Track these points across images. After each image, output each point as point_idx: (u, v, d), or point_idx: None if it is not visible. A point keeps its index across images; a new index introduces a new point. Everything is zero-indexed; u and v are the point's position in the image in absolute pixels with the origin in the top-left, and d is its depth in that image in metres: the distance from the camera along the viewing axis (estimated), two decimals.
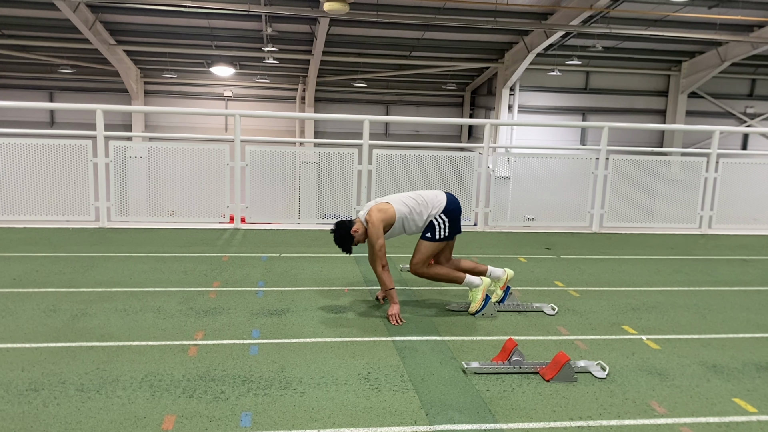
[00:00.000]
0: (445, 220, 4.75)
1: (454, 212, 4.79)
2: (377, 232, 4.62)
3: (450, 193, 4.90)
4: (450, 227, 4.77)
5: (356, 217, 4.82)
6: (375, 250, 4.63)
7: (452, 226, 4.79)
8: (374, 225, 4.63)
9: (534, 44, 17.94)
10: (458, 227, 4.86)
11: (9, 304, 4.62)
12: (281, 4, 15.58)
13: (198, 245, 6.78)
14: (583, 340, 4.34)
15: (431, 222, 4.75)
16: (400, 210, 4.71)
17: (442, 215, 4.75)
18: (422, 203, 4.76)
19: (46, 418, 3.05)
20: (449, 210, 4.77)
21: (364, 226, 4.71)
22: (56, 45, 18.99)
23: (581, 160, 8.78)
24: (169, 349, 3.91)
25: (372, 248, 4.68)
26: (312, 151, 8.85)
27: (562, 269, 6.28)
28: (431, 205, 4.76)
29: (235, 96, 23.78)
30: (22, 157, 7.53)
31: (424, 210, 4.74)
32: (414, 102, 24.60)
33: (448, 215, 4.76)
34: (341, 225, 4.75)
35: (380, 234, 4.62)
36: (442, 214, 4.75)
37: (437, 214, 4.74)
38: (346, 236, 4.71)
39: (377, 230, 4.62)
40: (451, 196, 4.87)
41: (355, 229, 4.71)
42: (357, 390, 3.45)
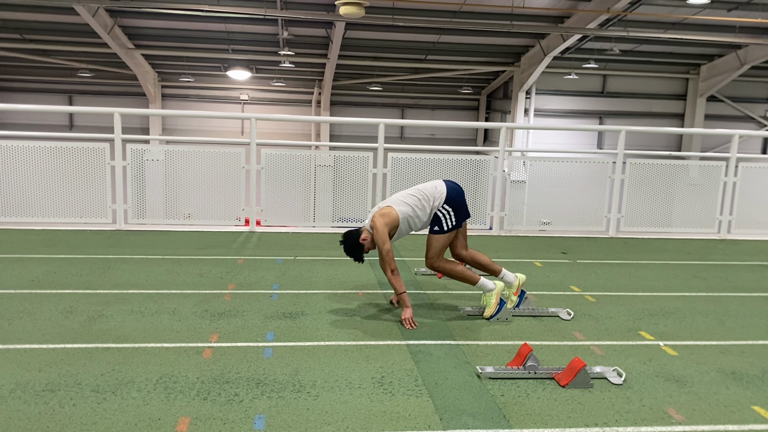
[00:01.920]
0: (449, 210, 4.73)
1: (457, 199, 4.77)
2: (383, 237, 4.61)
3: (449, 181, 4.88)
4: (456, 216, 4.75)
5: (362, 226, 4.82)
6: (383, 255, 4.63)
7: (458, 214, 4.76)
8: (378, 230, 4.62)
9: (550, 47, 17.86)
10: (465, 213, 4.84)
11: (27, 305, 4.67)
12: (297, 8, 15.65)
13: (213, 248, 6.81)
14: (599, 345, 4.30)
15: (436, 215, 4.73)
16: (402, 210, 4.70)
17: (445, 206, 4.73)
18: (423, 198, 4.74)
19: (62, 419, 3.07)
20: (451, 198, 4.74)
21: (371, 233, 4.71)
22: (75, 49, 19.22)
23: (598, 163, 8.71)
24: (184, 351, 3.92)
25: (380, 253, 4.68)
26: (327, 154, 8.87)
27: (578, 274, 6.23)
28: (432, 197, 4.73)
29: (251, 99, 23.92)
30: (41, 159, 7.62)
31: (426, 204, 4.73)
32: (429, 105, 24.58)
33: (451, 204, 4.74)
34: (349, 235, 4.76)
35: (386, 239, 4.61)
36: (445, 205, 4.72)
37: (440, 206, 4.72)
38: (355, 246, 4.72)
39: (382, 235, 4.61)
40: (451, 183, 4.85)
41: (363, 237, 4.71)
42: (371, 394, 3.44)
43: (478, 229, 8.38)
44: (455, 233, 4.83)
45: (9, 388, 3.35)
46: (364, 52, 19.75)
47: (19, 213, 7.62)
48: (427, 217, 4.77)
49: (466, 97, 24.45)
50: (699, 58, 20.86)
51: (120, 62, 19.48)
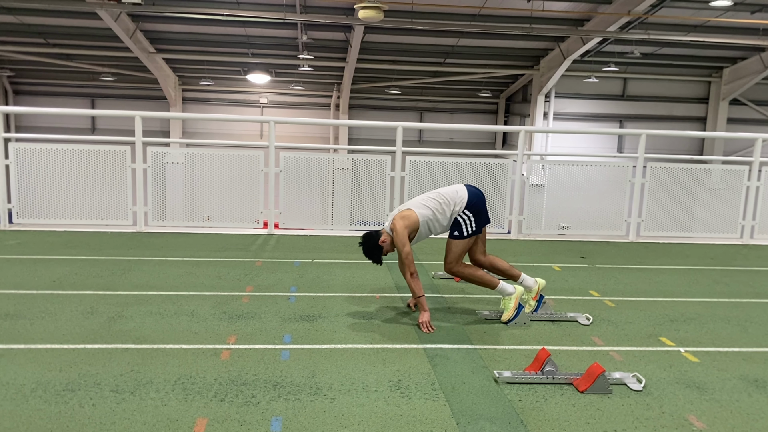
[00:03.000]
0: (469, 215, 4.70)
1: (478, 205, 4.74)
2: (403, 239, 4.60)
3: (470, 185, 4.85)
4: (476, 221, 4.72)
5: (382, 228, 4.82)
6: (402, 258, 4.62)
7: (478, 220, 4.74)
8: (398, 233, 4.61)
9: (570, 51, 17.75)
10: (485, 218, 4.81)
11: (49, 306, 4.73)
12: (317, 12, 15.72)
13: (232, 250, 6.85)
14: (618, 351, 4.25)
15: (456, 219, 4.71)
16: (422, 213, 4.69)
17: (466, 211, 4.70)
18: (444, 202, 4.72)
19: (81, 419, 3.10)
20: (472, 204, 4.72)
21: (390, 236, 4.70)
22: (98, 53, 19.49)
23: (618, 167, 8.63)
24: (202, 353, 3.95)
25: (399, 256, 4.67)
26: (345, 157, 8.89)
27: (597, 278, 6.17)
28: (453, 201, 4.71)
29: (270, 103, 24.06)
30: (64, 162, 7.72)
31: (446, 209, 4.71)
32: (448, 109, 24.54)
33: (472, 209, 4.71)
34: (368, 237, 4.76)
35: (405, 241, 4.61)
36: (466, 210, 4.70)
37: (461, 211, 4.70)
38: (374, 248, 4.72)
39: (402, 238, 4.60)
40: (472, 188, 4.82)
41: (383, 240, 4.71)
42: (387, 397, 3.44)
43: (496, 233, 8.34)
44: (474, 238, 4.81)
45: (30, 388, 3.39)
46: (382, 55, 19.78)
47: (42, 214, 7.73)
48: (447, 221, 4.75)
49: (484, 100, 24.37)
50: (721, 61, 20.60)
51: (141, 66, 19.71)
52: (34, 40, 18.70)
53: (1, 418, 3.08)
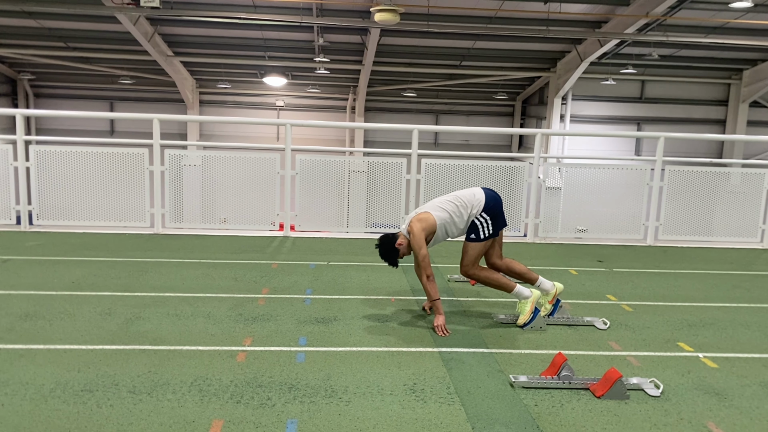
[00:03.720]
0: (486, 218, 4.69)
1: (495, 208, 4.73)
2: (419, 242, 4.59)
3: (488, 189, 4.84)
4: (493, 224, 4.71)
5: (399, 231, 4.81)
6: (419, 261, 4.62)
7: (495, 223, 4.73)
8: (416, 236, 4.60)
9: (587, 53, 17.64)
10: (502, 221, 4.80)
11: (68, 307, 4.78)
12: (333, 15, 15.77)
13: (248, 252, 6.89)
14: (635, 356, 4.21)
15: (473, 222, 4.70)
16: (439, 216, 4.68)
17: (483, 214, 4.69)
18: (461, 205, 4.71)
19: (99, 419, 3.13)
20: (489, 207, 4.71)
21: (407, 238, 4.70)
22: (117, 57, 19.71)
23: (636, 170, 8.56)
24: (219, 355, 3.97)
25: (416, 259, 4.67)
26: (361, 160, 8.89)
27: (614, 282, 6.12)
28: (470, 204, 4.70)
29: (286, 106, 24.16)
30: (83, 164, 7.81)
31: (464, 211, 4.70)
32: (464, 111, 24.49)
33: (489, 212, 4.70)
34: (385, 239, 4.76)
35: (422, 244, 4.60)
36: (483, 213, 4.69)
37: (478, 214, 4.69)
38: (391, 250, 4.71)
39: (419, 240, 4.59)
40: (489, 191, 4.81)
41: (399, 242, 4.71)
42: (402, 401, 3.43)
43: (512, 236, 8.30)
44: (491, 241, 4.79)
45: (49, 388, 3.43)
46: (398, 58, 19.79)
47: (61, 216, 7.82)
48: (464, 225, 4.74)
49: (500, 103, 24.30)
50: (741, 63, 20.36)
51: (159, 69, 19.90)
52: (55, 44, 18.96)
53: (21, 417, 3.12)
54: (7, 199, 7.73)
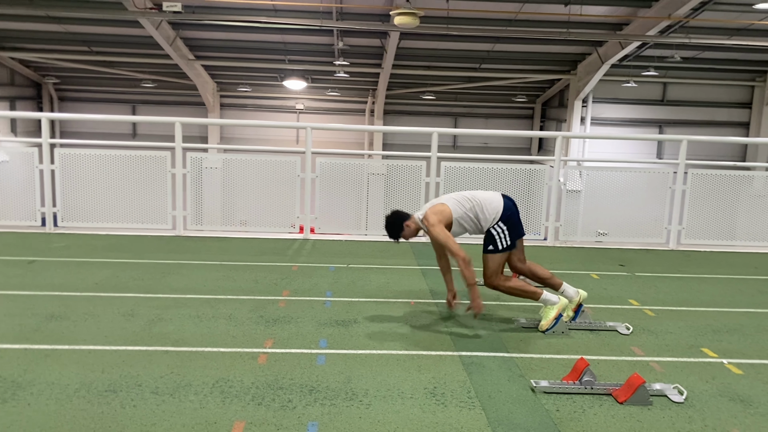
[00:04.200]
0: (503, 228, 4.65)
1: (512, 218, 4.69)
2: (444, 234, 4.54)
3: (506, 196, 4.80)
4: (510, 234, 4.67)
5: (413, 214, 4.80)
6: (452, 251, 4.51)
7: (512, 233, 4.68)
8: (435, 228, 4.55)
9: (608, 55, 17.50)
10: (519, 231, 4.76)
11: (91, 308, 4.84)
12: (353, 19, 15.82)
13: (268, 254, 6.93)
14: (658, 362, 4.17)
15: (490, 232, 4.66)
16: (456, 210, 4.66)
17: (500, 223, 4.64)
18: (477, 205, 4.68)
19: (123, 419, 3.17)
20: (507, 216, 4.67)
21: (418, 225, 4.70)
22: (139, 61, 19.94)
23: (658, 174, 8.48)
24: (240, 356, 4.00)
25: (442, 249, 4.64)
26: (380, 163, 8.91)
27: (636, 287, 6.06)
28: (486, 209, 4.66)
29: (306, 109, 24.26)
30: (106, 167, 7.92)
31: (479, 213, 4.66)
32: (483, 114, 24.40)
33: (507, 222, 4.66)
34: (397, 214, 4.79)
35: (447, 234, 4.55)
36: (500, 222, 4.64)
37: (495, 222, 4.64)
38: (398, 226, 4.74)
39: (443, 232, 4.54)
40: (508, 199, 4.77)
41: (408, 224, 4.72)
42: (423, 404, 3.43)
43: (532, 239, 8.25)
44: (510, 252, 4.76)
45: (74, 388, 3.48)
46: (417, 61, 19.79)
47: (85, 218, 7.92)
48: (474, 226, 4.71)
49: (520, 105, 24.18)
50: (765, 65, 20.05)
51: (181, 73, 20.09)
52: (79, 48, 19.23)
53: (47, 417, 3.17)
54: (32, 201, 7.85)
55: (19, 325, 4.42)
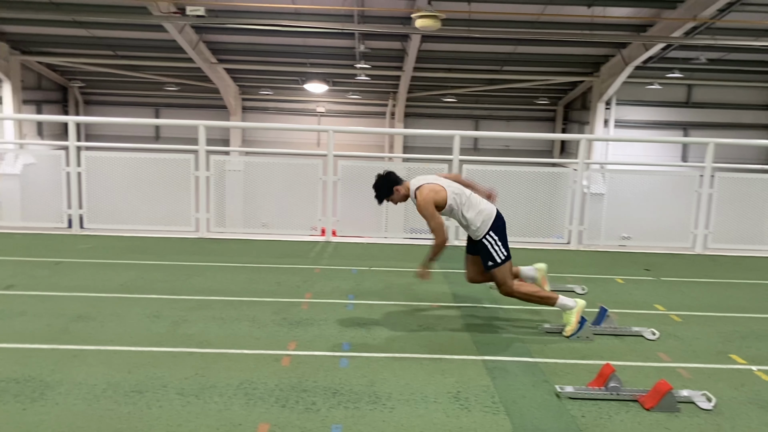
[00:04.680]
0: (495, 237, 4.61)
1: (502, 228, 4.67)
2: (431, 210, 4.55)
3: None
4: (502, 243, 4.63)
5: (407, 181, 4.80)
6: (432, 227, 4.58)
7: (504, 242, 4.64)
8: (427, 204, 4.55)
9: (632, 57, 17.31)
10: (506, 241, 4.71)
11: (117, 309, 4.90)
12: (374, 22, 15.84)
13: (291, 257, 6.95)
14: (686, 368, 4.10)
15: (483, 244, 4.61)
16: (451, 198, 4.63)
17: (491, 233, 4.60)
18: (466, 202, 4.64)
19: (149, 420, 3.20)
20: (498, 226, 4.64)
21: (407, 193, 4.72)
22: (163, 64, 20.16)
23: (683, 177, 8.38)
24: (263, 358, 4.01)
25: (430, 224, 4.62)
26: (401, 165, 8.90)
27: (662, 292, 5.97)
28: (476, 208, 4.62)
29: (327, 112, 24.34)
30: (131, 170, 8.01)
31: (469, 209, 4.62)
32: (504, 117, 24.27)
33: (497, 231, 4.63)
34: (390, 176, 4.80)
35: (435, 212, 4.56)
36: (491, 232, 4.60)
37: (487, 232, 4.59)
38: (386, 189, 4.76)
39: (431, 208, 4.55)
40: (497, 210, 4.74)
41: (398, 188, 4.74)
42: (446, 409, 3.41)
43: (554, 243, 8.18)
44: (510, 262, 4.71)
45: (101, 388, 3.52)
46: (438, 64, 19.74)
47: (110, 220, 8.02)
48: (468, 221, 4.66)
49: (542, 107, 24.01)
50: None
51: (203, 76, 20.27)
52: (104, 52, 19.49)
53: (75, 416, 3.21)
54: (58, 203, 7.97)
55: (47, 325, 4.49)
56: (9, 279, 5.64)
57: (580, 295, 5.54)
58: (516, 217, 8.23)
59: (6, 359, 3.88)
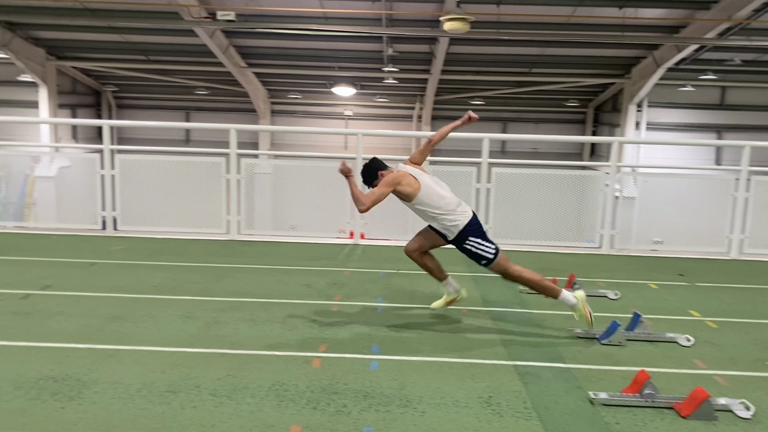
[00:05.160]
0: (477, 240, 4.64)
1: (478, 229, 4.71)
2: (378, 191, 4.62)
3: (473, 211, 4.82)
4: (486, 240, 4.67)
5: (393, 168, 4.86)
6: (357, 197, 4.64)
7: (485, 238, 4.68)
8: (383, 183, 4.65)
9: (664, 59, 17.05)
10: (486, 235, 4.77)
11: (151, 310, 4.97)
12: (402, 25, 15.86)
13: (320, 259, 6.98)
14: (722, 375, 4.02)
15: (469, 249, 4.64)
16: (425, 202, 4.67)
17: (471, 239, 4.63)
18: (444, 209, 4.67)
19: (183, 420, 3.24)
20: (474, 230, 4.67)
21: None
22: (193, 69, 20.45)
23: (718, 180, 8.22)
24: (294, 360, 4.04)
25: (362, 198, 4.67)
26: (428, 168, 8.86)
27: (697, 298, 5.86)
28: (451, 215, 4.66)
29: (354, 115, 24.43)
30: (164, 172, 8.13)
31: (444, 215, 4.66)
32: (533, 119, 24.07)
33: (477, 234, 4.66)
34: (375, 161, 4.89)
35: (380, 195, 4.62)
36: (471, 237, 4.63)
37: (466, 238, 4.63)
38: (372, 172, 4.85)
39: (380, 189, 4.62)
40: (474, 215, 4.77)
41: (383, 173, 4.80)
42: (478, 414, 3.39)
43: (585, 247, 8.08)
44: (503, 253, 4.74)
45: (136, 388, 3.57)
46: (466, 66, 19.67)
47: (143, 222, 8.15)
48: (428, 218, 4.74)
49: (571, 110, 23.77)
50: None
51: (233, 80, 20.50)
52: (136, 57, 19.84)
53: (111, 415, 3.27)
54: (93, 205, 8.12)
55: (83, 325, 4.58)
56: (46, 279, 5.76)
57: (613, 301, 5.49)
58: (545, 220, 8.16)
59: (44, 358, 3.96)
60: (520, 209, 8.06)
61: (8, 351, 4.07)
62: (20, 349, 4.11)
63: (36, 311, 4.87)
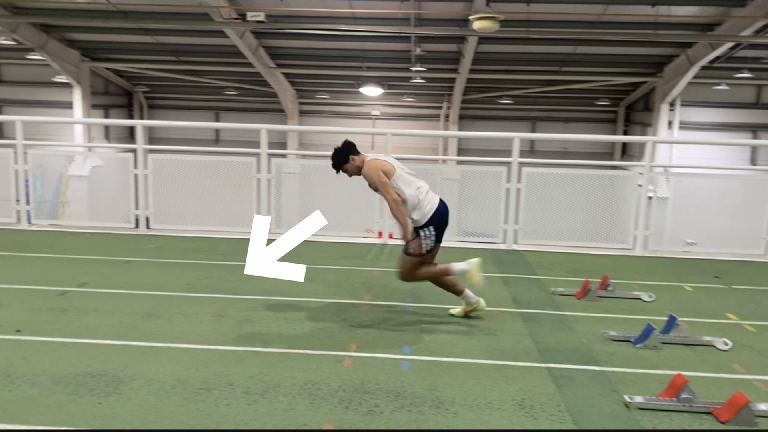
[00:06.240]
0: (431, 232, 4.73)
1: (443, 225, 4.78)
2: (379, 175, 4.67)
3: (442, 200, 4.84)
4: (436, 238, 4.77)
5: (364, 155, 4.92)
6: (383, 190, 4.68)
7: (437, 238, 4.78)
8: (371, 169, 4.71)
9: (698, 57, 16.73)
10: (440, 238, 4.83)
11: (184, 308, 5.03)
12: (430, 24, 15.82)
13: (349, 259, 7.00)
14: (763, 380, 3.93)
15: (417, 233, 4.72)
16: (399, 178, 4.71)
17: (430, 227, 4.71)
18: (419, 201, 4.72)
19: (217, 417, 3.27)
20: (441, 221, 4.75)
21: (360, 166, 4.83)
22: (223, 69, 20.68)
23: (754, 180, 8.03)
24: (326, 359, 4.05)
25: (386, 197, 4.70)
26: (454, 168, 8.84)
27: (734, 300, 5.74)
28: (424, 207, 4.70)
29: (382, 115, 24.44)
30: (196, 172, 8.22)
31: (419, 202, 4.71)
32: (563, 118, 23.81)
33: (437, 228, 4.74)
34: (349, 147, 4.93)
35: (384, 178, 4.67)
36: (430, 226, 4.71)
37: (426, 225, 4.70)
38: (344, 156, 4.91)
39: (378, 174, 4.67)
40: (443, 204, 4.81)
41: (354, 158, 4.88)
42: (511, 416, 3.36)
43: (618, 248, 7.96)
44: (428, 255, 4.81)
45: (171, 384, 3.62)
46: (495, 65, 19.55)
47: (175, 221, 8.25)
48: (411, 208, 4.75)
49: (602, 109, 23.46)
50: None
51: (262, 81, 20.67)
52: (167, 58, 20.13)
53: (147, 411, 3.31)
54: (126, 204, 8.25)
55: (119, 322, 4.65)
56: (82, 276, 5.87)
57: (648, 303, 5.41)
58: (576, 221, 8.07)
59: (81, 354, 4.03)
60: (551, 209, 7.98)
61: (46, 347, 4.15)
62: (58, 344, 4.19)
63: (73, 308, 4.96)
